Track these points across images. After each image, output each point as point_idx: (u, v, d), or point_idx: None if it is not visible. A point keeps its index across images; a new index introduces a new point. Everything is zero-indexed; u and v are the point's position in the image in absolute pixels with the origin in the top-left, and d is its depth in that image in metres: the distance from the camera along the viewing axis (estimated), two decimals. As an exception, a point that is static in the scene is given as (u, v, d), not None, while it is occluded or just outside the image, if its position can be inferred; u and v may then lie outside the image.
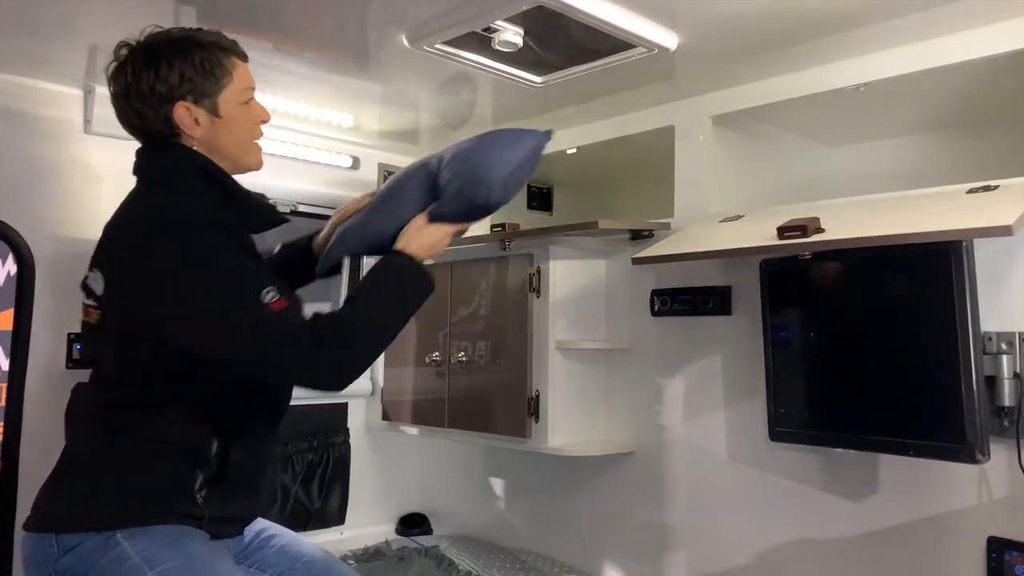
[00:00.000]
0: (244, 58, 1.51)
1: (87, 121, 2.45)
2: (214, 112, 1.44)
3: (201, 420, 1.43)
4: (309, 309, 1.77)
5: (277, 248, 1.87)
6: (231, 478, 1.47)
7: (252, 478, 1.58)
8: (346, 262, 1.82)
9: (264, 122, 1.54)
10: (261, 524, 1.71)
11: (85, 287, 1.50)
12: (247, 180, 1.83)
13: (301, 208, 2.96)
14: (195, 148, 1.47)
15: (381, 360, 3.05)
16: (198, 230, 1.36)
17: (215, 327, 1.33)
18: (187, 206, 1.42)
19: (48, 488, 1.49)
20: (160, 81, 1.39)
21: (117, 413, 1.45)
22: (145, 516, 1.40)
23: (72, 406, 1.53)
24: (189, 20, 1.94)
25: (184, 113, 1.41)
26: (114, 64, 1.45)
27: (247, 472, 1.53)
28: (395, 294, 1.49)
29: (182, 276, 1.32)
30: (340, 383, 1.38)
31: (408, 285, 1.51)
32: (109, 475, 1.42)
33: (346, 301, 1.45)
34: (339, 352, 1.35)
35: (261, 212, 1.57)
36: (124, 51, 1.46)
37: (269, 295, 1.33)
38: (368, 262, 3.09)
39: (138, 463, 1.43)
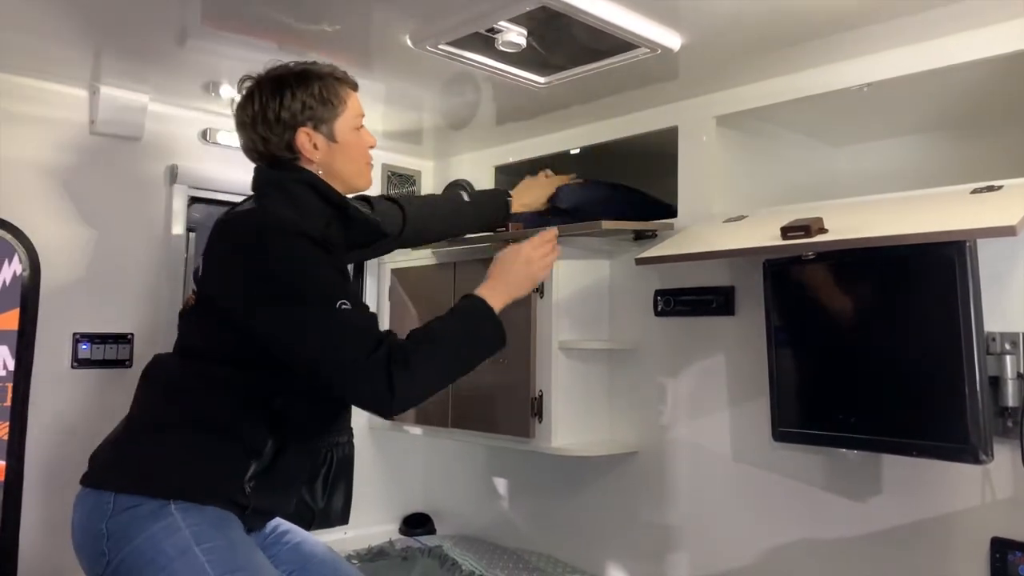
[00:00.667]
0: (356, 88, 1.67)
1: (92, 121, 2.46)
2: (331, 138, 1.60)
3: (264, 415, 1.51)
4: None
5: (467, 196, 2.34)
6: (277, 475, 1.54)
7: (293, 477, 1.65)
8: None
9: (372, 147, 1.71)
10: (275, 520, 1.76)
11: (195, 275, 1.66)
12: (249, 178, 1.82)
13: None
14: (312, 170, 1.61)
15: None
16: (300, 238, 1.46)
17: (291, 318, 1.41)
18: (298, 217, 1.51)
19: (113, 447, 1.55)
20: (284, 109, 1.54)
21: (192, 392, 1.53)
22: (200, 493, 1.46)
23: (153, 369, 1.61)
24: (194, 19, 1.95)
25: (305, 139, 1.57)
26: (242, 96, 1.61)
27: (292, 471, 1.60)
28: (470, 343, 1.56)
29: (276, 271, 1.43)
30: (386, 401, 1.39)
31: (485, 339, 1.59)
32: (175, 448, 1.49)
33: (424, 330, 1.51)
34: (397, 370, 1.39)
35: (367, 227, 1.75)
36: (249, 83, 1.62)
37: (345, 304, 1.41)
38: (375, 271, 3.09)
39: (202, 443, 1.49)
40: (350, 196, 1.74)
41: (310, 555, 1.73)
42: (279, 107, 1.55)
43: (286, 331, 1.42)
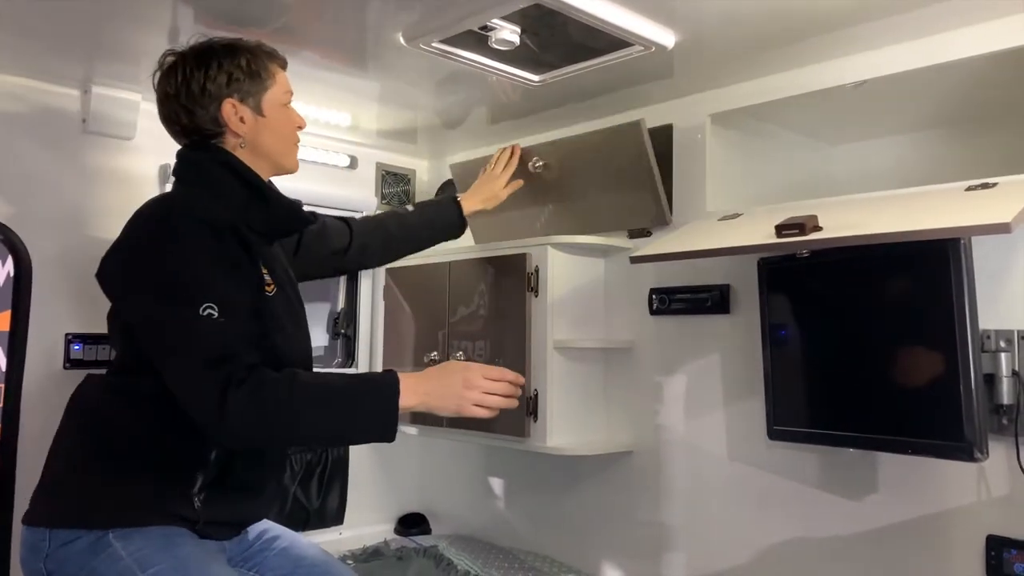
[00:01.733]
0: (284, 65, 1.64)
1: (84, 121, 2.45)
2: (258, 111, 1.55)
3: (193, 424, 1.39)
4: (308, 310, 1.78)
5: (411, 207, 2.19)
6: (232, 483, 1.47)
7: (254, 482, 1.55)
8: None
9: (300, 128, 1.66)
10: (264, 525, 1.70)
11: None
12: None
13: (299, 208, 2.95)
14: (235, 151, 1.55)
15: (379, 360, 3.06)
16: (200, 227, 1.39)
17: (153, 312, 1.36)
18: (205, 203, 1.46)
19: (43, 482, 1.49)
20: (210, 80, 1.51)
21: (117, 409, 1.45)
22: (138, 516, 1.40)
23: (77, 397, 1.54)
24: (187, 18, 1.94)
25: (231, 110, 1.52)
26: (164, 68, 1.56)
27: (249, 476, 1.52)
28: (350, 413, 1.42)
29: (157, 260, 1.38)
30: (212, 420, 1.29)
31: (370, 421, 1.44)
32: (104, 473, 1.42)
33: (317, 375, 1.42)
34: (235, 392, 1.28)
35: (290, 215, 1.63)
36: (172, 57, 1.57)
37: (211, 310, 1.32)
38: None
39: (134, 462, 1.43)
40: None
41: (299, 560, 1.67)
42: (204, 78, 1.51)
43: (147, 324, 1.38)
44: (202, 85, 1.50)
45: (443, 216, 2.23)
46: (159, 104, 1.57)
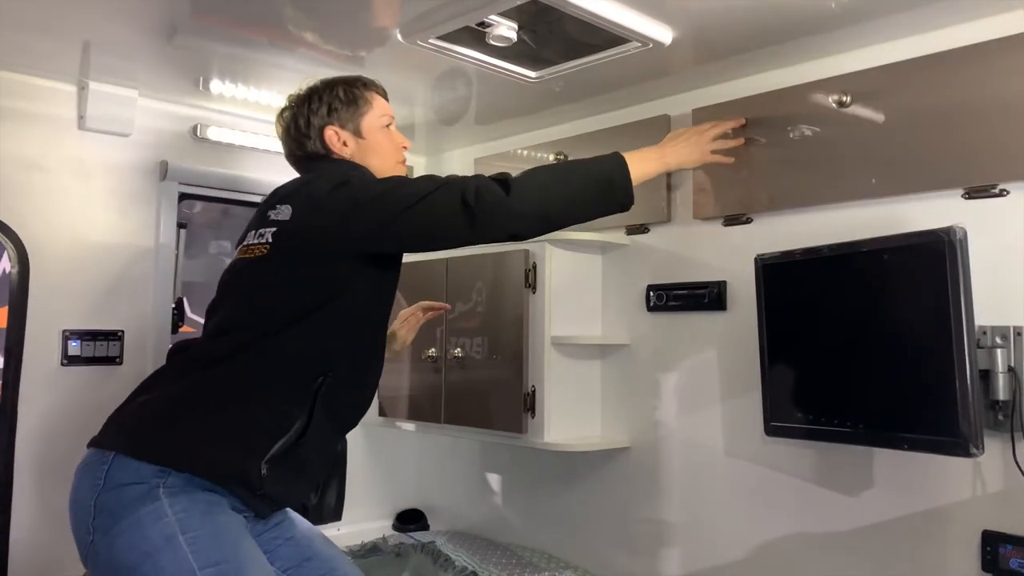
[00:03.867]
0: (382, 93, 1.83)
1: (81, 117, 2.45)
2: (358, 134, 1.74)
3: (306, 394, 1.52)
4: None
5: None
6: (293, 458, 1.53)
7: (310, 462, 1.61)
8: None
9: (405, 148, 1.84)
10: (281, 514, 1.73)
11: (263, 220, 1.62)
12: (242, 175, 1.80)
13: (296, 204, 2.95)
14: None
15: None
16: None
17: (392, 195, 1.57)
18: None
19: (123, 413, 1.55)
20: (313, 113, 1.73)
21: (224, 365, 1.53)
22: (207, 467, 1.46)
23: (183, 348, 1.65)
24: (182, 14, 1.94)
25: (333, 135, 1.72)
26: (279, 115, 1.80)
27: (309, 455, 1.57)
28: (582, 181, 1.65)
29: (374, 184, 1.64)
30: (488, 213, 1.52)
31: (606, 185, 1.66)
32: (193, 419, 1.49)
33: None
34: (471, 183, 1.54)
35: None
36: (284, 105, 1.80)
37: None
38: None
39: (224, 417, 1.49)
40: None
41: (307, 554, 1.70)
42: (308, 112, 1.72)
43: (391, 206, 1.54)
44: (307, 119, 1.72)
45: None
46: (282, 142, 1.80)
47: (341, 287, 1.56)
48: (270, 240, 1.57)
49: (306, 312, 1.54)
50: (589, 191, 1.65)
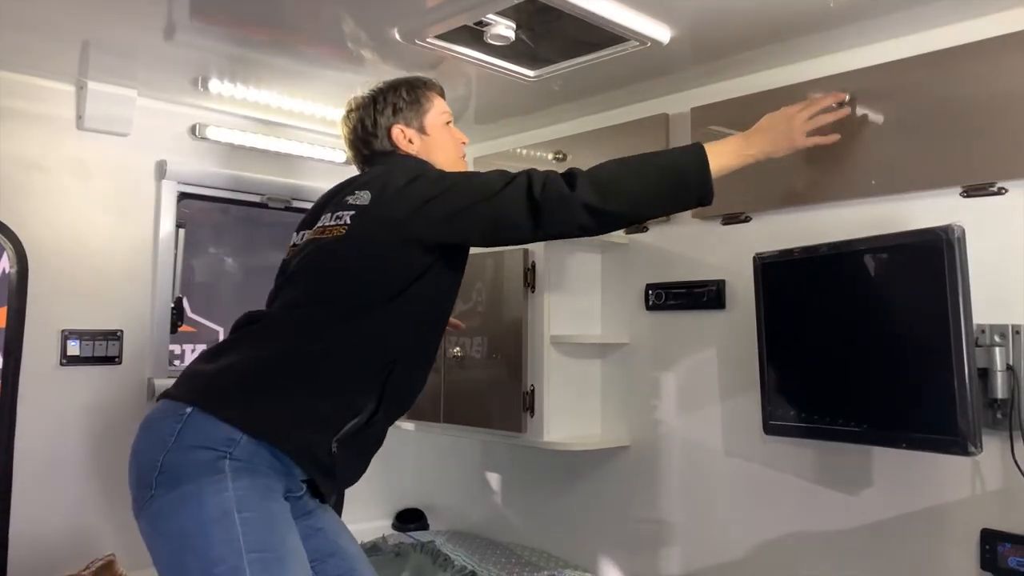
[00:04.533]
0: (441, 92, 1.88)
1: (79, 117, 2.45)
2: (422, 131, 1.81)
3: (381, 375, 1.56)
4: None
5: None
6: (360, 441, 1.57)
7: (369, 449, 1.66)
8: None
9: (464, 143, 1.90)
10: (313, 503, 1.72)
11: (340, 204, 1.65)
12: (241, 175, 1.80)
13: (295, 204, 2.96)
14: None
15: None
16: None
17: (472, 186, 1.61)
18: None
19: (199, 372, 1.54)
20: (379, 114, 1.79)
21: (299, 340, 1.54)
22: (281, 436, 1.46)
23: (253, 320, 1.62)
24: (182, 13, 1.93)
25: (399, 134, 1.79)
26: (344, 116, 1.84)
27: (370, 442, 1.63)
28: (655, 175, 1.62)
29: (447, 177, 1.65)
30: (552, 207, 1.54)
31: (680, 179, 1.62)
32: (275, 389, 1.50)
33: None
34: (539, 177, 1.56)
35: None
36: (348, 107, 1.84)
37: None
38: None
39: (306, 389, 1.51)
40: None
41: (331, 549, 1.71)
42: (375, 113, 1.78)
43: (454, 204, 1.57)
44: (374, 120, 1.78)
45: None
46: (347, 143, 1.84)
47: (412, 278, 1.59)
48: (348, 222, 1.60)
49: (380, 300, 1.57)
50: (663, 185, 1.62)
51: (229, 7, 1.90)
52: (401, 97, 1.80)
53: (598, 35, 1.97)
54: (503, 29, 1.93)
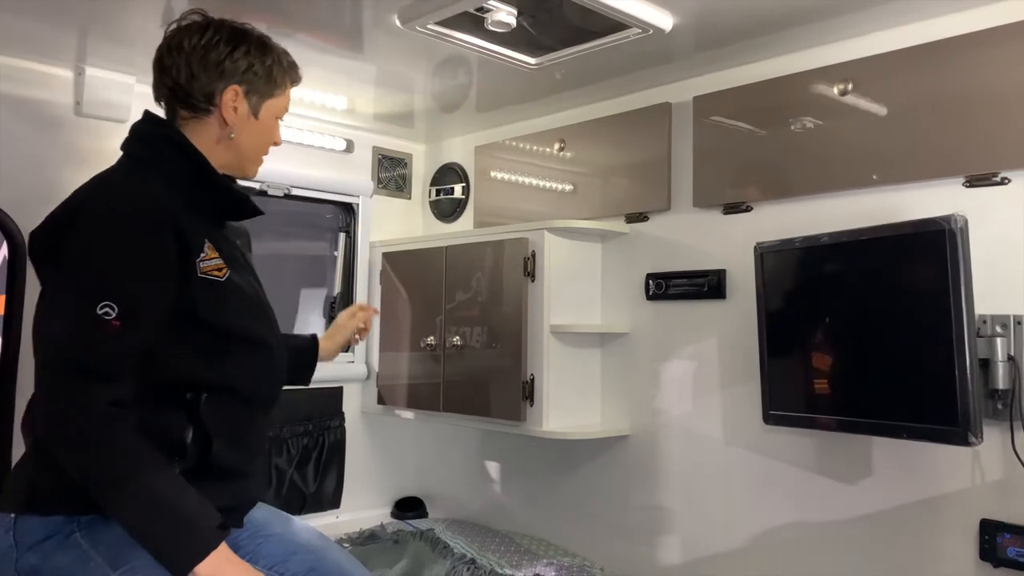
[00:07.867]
0: (296, 83, 1.60)
1: (77, 103, 2.43)
2: (255, 112, 1.51)
3: (174, 404, 1.36)
4: (305, 295, 1.76)
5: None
6: (215, 467, 1.39)
7: (238, 464, 1.47)
8: None
9: (276, 145, 1.61)
10: (256, 511, 1.62)
11: None
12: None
13: (295, 191, 2.94)
14: (207, 139, 1.50)
15: (376, 345, 3.05)
16: (135, 217, 1.36)
17: (51, 306, 1.35)
18: (149, 185, 1.42)
19: (15, 469, 1.46)
20: (231, 59, 1.46)
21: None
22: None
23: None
24: (179, -1, 1.92)
25: (232, 96, 1.47)
26: (189, 23, 1.49)
27: (231, 459, 1.43)
28: (157, 528, 1.27)
29: (80, 242, 1.35)
30: (52, 427, 1.30)
31: (169, 540, 1.28)
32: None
33: (147, 451, 1.30)
34: (77, 412, 1.26)
35: (235, 203, 1.54)
36: (200, 17, 1.51)
37: (109, 310, 1.28)
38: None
39: None
40: None
41: (291, 548, 1.60)
42: (227, 55, 1.46)
43: (48, 297, 1.36)
44: (221, 59, 1.46)
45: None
46: (164, 52, 1.49)
47: None
48: None
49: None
50: (152, 516, 1.28)
51: (228, -8, 1.88)
52: (264, 64, 1.50)
53: (600, 22, 1.95)
54: (504, 15, 1.92)
